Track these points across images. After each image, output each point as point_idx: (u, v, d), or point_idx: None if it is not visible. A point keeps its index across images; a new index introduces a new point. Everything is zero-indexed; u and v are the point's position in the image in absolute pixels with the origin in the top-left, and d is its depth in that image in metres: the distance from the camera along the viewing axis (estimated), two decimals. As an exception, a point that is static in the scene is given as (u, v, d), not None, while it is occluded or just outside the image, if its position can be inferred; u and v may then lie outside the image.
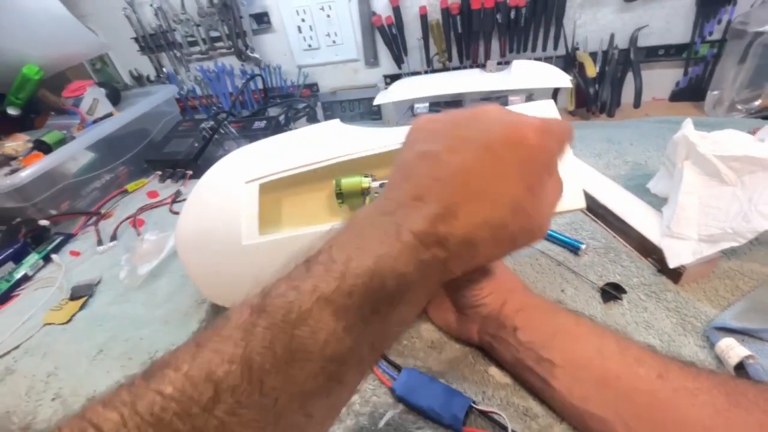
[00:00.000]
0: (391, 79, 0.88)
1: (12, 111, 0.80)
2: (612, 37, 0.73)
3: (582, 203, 0.33)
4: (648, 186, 0.49)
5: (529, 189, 0.22)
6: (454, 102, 0.72)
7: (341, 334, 0.18)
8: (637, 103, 0.73)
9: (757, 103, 0.67)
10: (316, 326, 0.18)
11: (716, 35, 0.69)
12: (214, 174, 0.42)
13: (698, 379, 0.25)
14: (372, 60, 0.88)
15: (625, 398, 0.26)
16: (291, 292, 0.19)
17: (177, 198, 0.71)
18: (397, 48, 0.82)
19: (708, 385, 0.25)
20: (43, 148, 0.72)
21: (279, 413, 0.17)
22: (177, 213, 0.67)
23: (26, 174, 0.64)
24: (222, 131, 0.79)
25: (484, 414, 0.30)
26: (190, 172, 0.76)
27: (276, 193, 0.40)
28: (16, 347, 0.47)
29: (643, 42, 0.73)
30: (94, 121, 0.82)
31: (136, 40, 0.97)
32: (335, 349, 0.18)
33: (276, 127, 0.78)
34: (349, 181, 0.37)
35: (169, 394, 0.16)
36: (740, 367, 0.30)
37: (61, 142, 0.75)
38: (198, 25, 0.91)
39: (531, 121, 0.23)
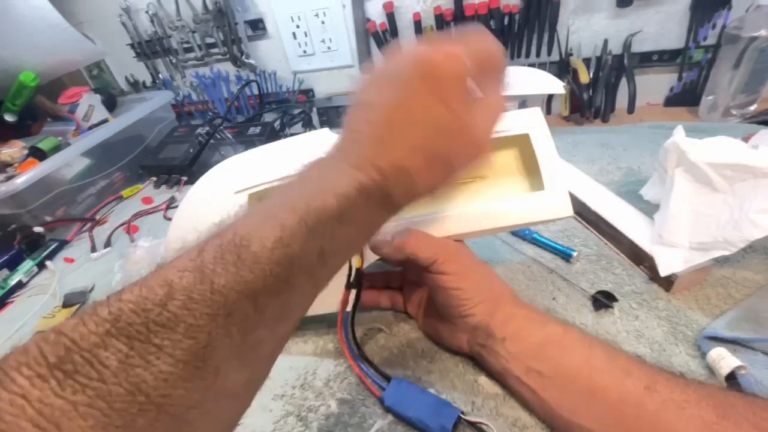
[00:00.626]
0: (387, 84, 0.88)
1: (8, 117, 0.80)
2: (605, 42, 0.73)
3: (569, 212, 0.33)
4: (641, 192, 0.48)
5: (449, 109, 0.23)
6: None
7: (287, 240, 0.20)
8: (631, 109, 0.73)
9: (752, 108, 0.67)
10: (263, 235, 0.19)
11: (711, 40, 0.69)
12: (203, 184, 0.42)
13: (686, 391, 0.25)
14: (367, 66, 0.88)
15: (612, 410, 0.26)
16: (240, 221, 0.21)
17: (171, 204, 0.71)
18: (392, 54, 0.82)
19: (696, 397, 0.25)
20: (38, 154, 0.72)
21: (230, 307, 0.18)
22: (171, 219, 0.67)
23: (21, 181, 0.64)
24: (217, 137, 0.79)
25: (473, 425, 0.30)
26: (185, 178, 0.76)
27: None
28: (8, 356, 0.47)
29: (637, 47, 0.73)
30: (90, 128, 0.82)
31: (132, 46, 0.97)
32: (282, 252, 0.19)
33: (271, 133, 0.78)
34: None
35: (127, 298, 0.17)
36: (731, 377, 0.30)
37: (57, 148, 0.75)
38: (193, 32, 0.91)
39: (439, 46, 0.24)
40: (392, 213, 0.24)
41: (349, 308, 0.35)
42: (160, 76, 1.01)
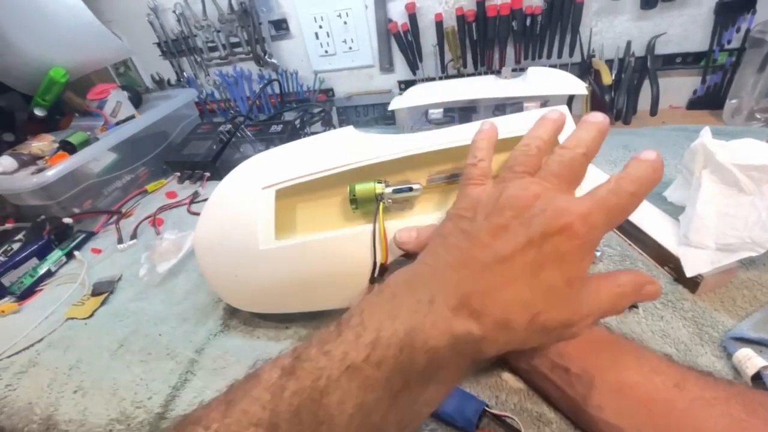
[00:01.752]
0: (406, 84, 0.89)
1: (39, 112, 0.83)
2: (629, 44, 0.73)
3: None
4: (665, 194, 0.48)
5: (568, 281, 0.22)
6: (468, 108, 0.73)
7: (369, 407, 0.18)
8: (653, 111, 0.73)
9: (777, 112, 0.66)
10: (343, 397, 0.18)
11: (735, 44, 0.69)
12: (231, 180, 0.43)
13: (715, 389, 0.25)
14: (387, 66, 0.89)
15: (641, 408, 0.26)
16: (321, 357, 0.19)
17: (195, 199, 0.72)
18: (413, 54, 0.83)
19: (725, 395, 0.25)
20: (68, 148, 0.74)
21: None
22: (195, 213, 0.69)
23: (52, 173, 0.66)
24: (239, 134, 0.81)
25: (498, 418, 0.30)
26: (208, 174, 0.78)
27: (291, 198, 0.41)
28: (39, 340, 0.49)
29: (661, 50, 0.72)
30: (117, 123, 0.84)
31: (159, 45, 1.00)
32: (361, 422, 0.18)
33: (292, 131, 0.80)
34: (363, 187, 0.37)
35: None
36: (757, 378, 0.30)
37: (86, 142, 0.77)
38: (218, 31, 0.93)
39: (578, 207, 0.22)
40: (478, 363, 0.23)
41: (373, 302, 0.36)
42: (184, 74, 1.03)
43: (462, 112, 0.73)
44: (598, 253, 0.43)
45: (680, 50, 0.72)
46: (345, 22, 0.85)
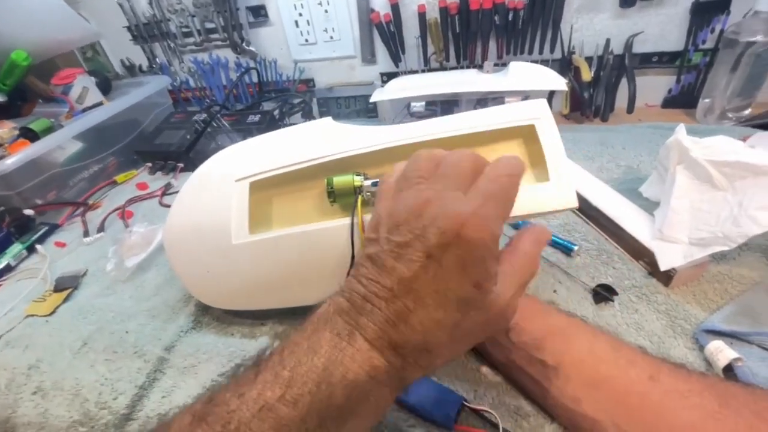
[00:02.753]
0: (388, 77, 0.88)
1: (-2, 97, 0.78)
2: (608, 42, 0.74)
3: (574, 203, 0.33)
4: (640, 190, 0.49)
5: (475, 284, 0.22)
6: (450, 102, 0.72)
7: None
8: (630, 109, 0.74)
9: (748, 111, 0.69)
10: None
11: (709, 44, 0.70)
12: (204, 171, 0.41)
13: (689, 381, 0.26)
14: (369, 57, 0.87)
15: (616, 400, 0.26)
16: (234, 400, 0.19)
17: (167, 190, 0.69)
18: (395, 46, 0.82)
19: (698, 387, 0.25)
20: (30, 135, 0.70)
21: None
22: (167, 206, 0.66)
23: (11, 161, 0.62)
24: (215, 124, 0.78)
25: (476, 412, 0.30)
26: (181, 165, 0.75)
27: (267, 191, 0.40)
28: (-3, 339, 0.46)
29: (638, 48, 0.73)
30: (84, 110, 0.80)
31: (129, 29, 0.96)
32: None
33: (270, 122, 0.78)
34: (340, 180, 0.36)
35: None
36: (728, 370, 0.31)
37: (49, 130, 0.73)
38: (193, 16, 0.90)
39: (466, 206, 0.21)
40: (399, 392, 0.23)
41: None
42: (157, 60, 0.99)
43: (444, 106, 0.73)
44: (575, 247, 0.43)
45: (657, 49, 0.74)
46: (326, 11, 0.83)
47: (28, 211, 0.65)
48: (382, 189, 0.27)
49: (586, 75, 0.72)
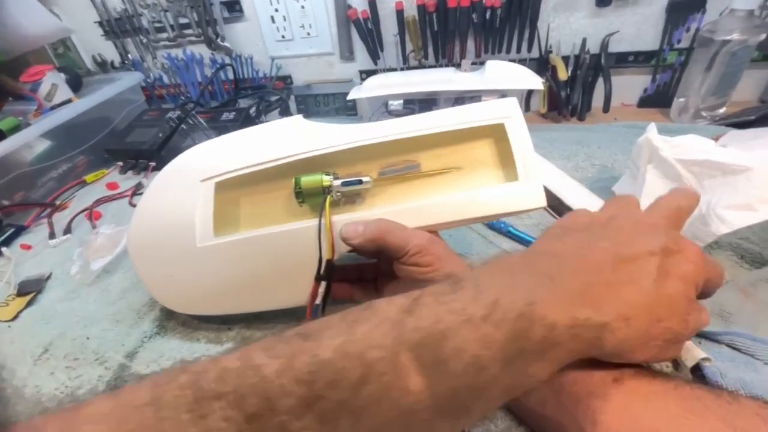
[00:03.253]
0: (367, 74, 0.87)
1: (-36, 95, 0.75)
2: (584, 41, 0.74)
3: (543, 202, 0.33)
4: (613, 189, 0.49)
5: (686, 296, 0.23)
6: (428, 100, 0.72)
7: (483, 363, 0.18)
8: (606, 108, 0.74)
9: (722, 110, 0.70)
10: (462, 345, 0.18)
11: (684, 43, 0.71)
12: (169, 171, 0.40)
13: (653, 384, 0.25)
14: (347, 54, 0.86)
15: (581, 403, 0.26)
16: (439, 306, 0.19)
17: (138, 190, 0.67)
18: (373, 43, 0.81)
19: (662, 390, 0.25)
20: (-5, 134, 0.68)
21: (410, 419, 0.17)
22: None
23: (-25, 161, 0.60)
24: (189, 122, 0.76)
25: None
26: (153, 164, 0.73)
27: (234, 192, 0.39)
28: (-44, 345, 0.44)
29: (614, 48, 0.74)
30: (52, 108, 0.77)
31: (101, 24, 0.93)
32: (474, 376, 0.18)
33: (246, 119, 0.76)
34: (309, 179, 0.35)
35: (327, 359, 0.17)
36: (696, 370, 0.31)
37: (16, 128, 0.71)
38: (166, 11, 0.87)
39: (694, 245, 0.24)
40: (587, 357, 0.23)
41: (318, 300, 0.34)
42: (129, 56, 0.96)
43: (422, 104, 0.72)
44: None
45: (633, 49, 0.74)
46: (302, 6, 0.81)
47: (-8, 213, 0.63)
48: None
49: (563, 74, 0.72)
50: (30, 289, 0.51)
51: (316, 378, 0.16)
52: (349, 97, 0.71)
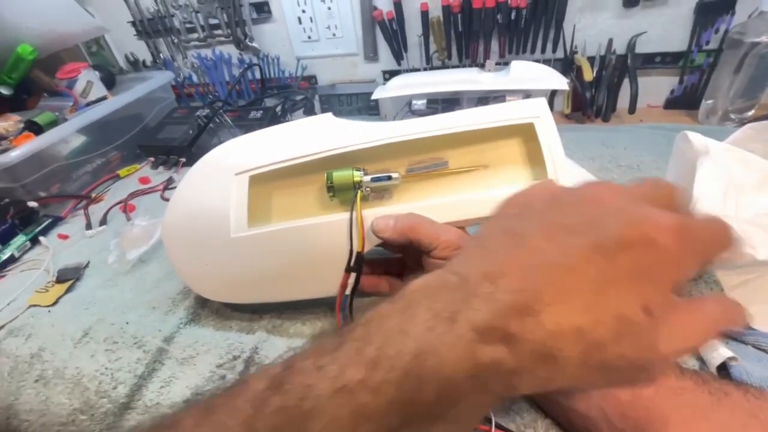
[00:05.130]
0: (390, 74, 0.88)
1: (4, 91, 0.78)
2: (610, 42, 0.74)
3: None
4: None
5: (645, 307, 0.16)
6: (452, 100, 0.72)
7: None
8: (632, 109, 0.74)
9: (750, 113, 0.68)
10: (330, 425, 0.15)
11: (713, 44, 0.70)
12: (203, 165, 0.41)
13: (682, 378, 0.26)
14: (371, 55, 0.87)
15: (609, 396, 0.26)
16: (313, 373, 0.16)
17: (169, 185, 0.70)
18: (397, 44, 0.82)
19: (692, 385, 0.25)
20: (35, 128, 0.71)
21: None
22: (169, 200, 0.67)
23: (16, 154, 0.63)
24: (217, 120, 0.78)
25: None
26: (183, 160, 0.75)
27: (266, 185, 0.40)
28: (0, 328, 0.47)
29: (641, 48, 0.73)
30: (88, 104, 0.80)
31: (134, 24, 0.96)
32: None
33: (272, 118, 0.78)
34: (340, 175, 0.36)
35: None
36: (722, 368, 0.31)
37: (53, 123, 0.74)
38: (197, 12, 0.90)
39: (665, 219, 0.17)
40: (497, 404, 0.19)
41: (348, 292, 0.35)
42: (161, 55, 0.99)
43: (445, 104, 0.73)
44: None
45: (660, 50, 0.73)
46: (329, 8, 0.83)
47: (32, 204, 0.66)
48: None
49: (588, 75, 0.72)
50: (69, 277, 0.53)
51: None
52: (373, 97, 0.73)
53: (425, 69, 0.84)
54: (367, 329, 0.17)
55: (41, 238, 0.62)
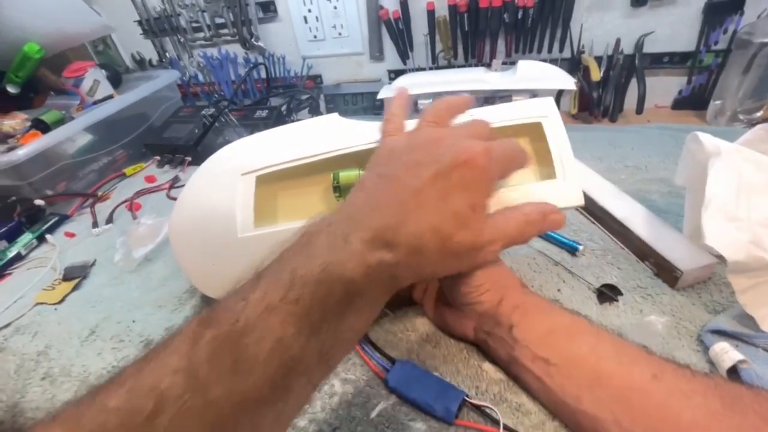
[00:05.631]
0: (396, 74, 0.88)
1: (11, 89, 0.79)
2: (618, 42, 0.73)
3: (581, 200, 0.33)
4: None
5: (472, 206, 0.25)
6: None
7: (288, 341, 0.19)
8: (639, 109, 0.73)
9: (759, 114, 0.68)
10: (262, 335, 0.18)
11: (721, 45, 0.69)
12: (210, 165, 0.41)
13: (693, 381, 0.25)
14: (377, 54, 0.87)
15: (619, 398, 0.26)
16: (239, 303, 0.20)
17: (175, 183, 0.70)
18: (403, 43, 0.82)
19: (703, 387, 0.25)
20: (41, 127, 0.71)
21: (224, 423, 0.17)
22: (174, 199, 0.67)
23: (23, 152, 0.63)
24: (223, 119, 0.78)
25: (477, 408, 0.30)
26: (188, 159, 0.75)
27: (272, 185, 0.40)
28: (7, 325, 0.47)
29: (649, 48, 0.73)
30: (94, 103, 0.81)
31: (140, 23, 0.96)
32: (282, 357, 0.19)
33: (278, 118, 0.78)
34: (346, 174, 0.36)
35: (113, 407, 0.16)
36: (733, 371, 0.30)
37: (60, 122, 0.74)
38: (203, 11, 0.90)
39: (478, 146, 0.25)
40: (391, 294, 0.25)
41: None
42: (167, 54, 1.00)
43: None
44: (580, 247, 0.43)
45: (668, 49, 0.73)
46: (335, 7, 0.83)
47: (39, 202, 0.66)
48: (388, 128, 0.32)
49: (595, 75, 0.71)
50: (75, 275, 0.53)
51: (106, 427, 0.16)
52: (379, 96, 0.72)
53: (431, 68, 0.84)
54: (279, 264, 0.22)
55: (48, 236, 0.63)
